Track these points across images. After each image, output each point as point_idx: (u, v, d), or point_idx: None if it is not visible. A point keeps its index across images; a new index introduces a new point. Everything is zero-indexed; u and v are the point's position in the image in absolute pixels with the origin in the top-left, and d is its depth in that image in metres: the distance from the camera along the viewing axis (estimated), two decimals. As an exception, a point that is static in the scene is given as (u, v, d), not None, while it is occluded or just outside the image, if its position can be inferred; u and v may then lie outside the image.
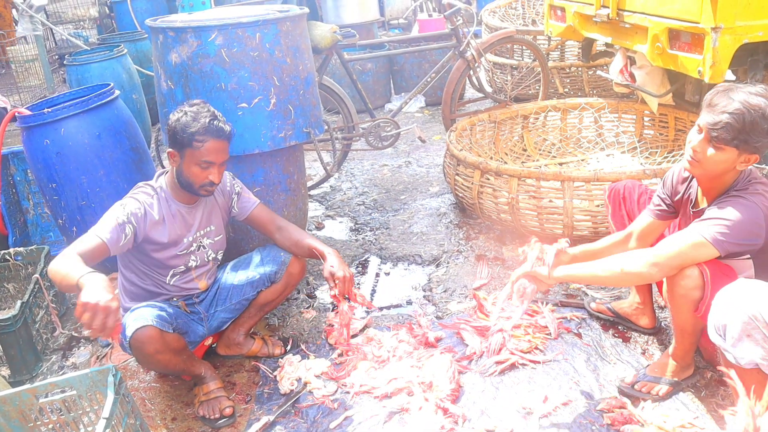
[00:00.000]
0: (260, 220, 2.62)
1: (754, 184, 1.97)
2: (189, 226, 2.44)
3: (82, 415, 1.95)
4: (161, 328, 2.19)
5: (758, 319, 1.71)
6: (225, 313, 2.62)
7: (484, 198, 3.38)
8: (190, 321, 2.51)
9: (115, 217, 2.22)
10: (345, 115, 4.25)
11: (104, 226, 2.19)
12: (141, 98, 5.25)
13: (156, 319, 2.19)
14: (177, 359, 2.28)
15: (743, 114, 1.83)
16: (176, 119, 2.28)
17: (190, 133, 2.25)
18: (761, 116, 1.83)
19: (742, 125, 1.84)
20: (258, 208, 2.61)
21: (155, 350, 2.18)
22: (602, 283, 2.36)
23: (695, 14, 2.91)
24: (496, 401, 2.29)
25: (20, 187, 3.63)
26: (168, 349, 2.22)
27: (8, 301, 3.21)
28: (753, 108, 1.83)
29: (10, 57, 7.79)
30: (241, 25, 2.70)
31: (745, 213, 1.89)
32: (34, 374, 2.72)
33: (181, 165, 2.32)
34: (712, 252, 1.91)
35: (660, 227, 2.30)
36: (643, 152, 4.06)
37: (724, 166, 1.94)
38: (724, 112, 1.85)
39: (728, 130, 1.85)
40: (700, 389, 2.24)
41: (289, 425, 2.29)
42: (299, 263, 2.64)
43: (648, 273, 2.01)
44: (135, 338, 2.16)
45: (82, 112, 3.10)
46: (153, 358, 2.20)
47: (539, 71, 4.98)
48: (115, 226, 2.20)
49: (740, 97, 1.86)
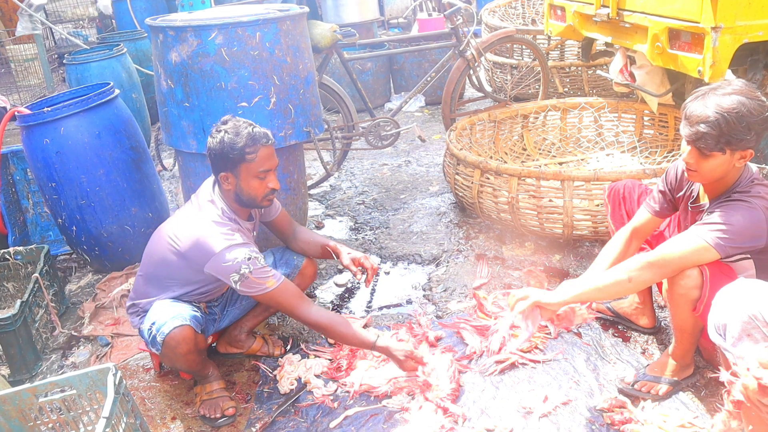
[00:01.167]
0: (281, 225, 2.62)
1: (756, 186, 1.97)
2: (252, 240, 2.43)
3: (81, 414, 1.94)
4: (196, 328, 2.21)
5: (758, 318, 1.71)
6: (234, 314, 2.63)
7: (484, 197, 3.38)
8: (207, 322, 2.52)
9: (260, 266, 2.21)
10: (345, 115, 4.25)
11: (269, 273, 2.23)
12: (141, 97, 5.25)
13: (192, 320, 2.21)
14: (199, 359, 2.30)
15: (718, 120, 1.85)
16: (219, 141, 2.21)
17: (240, 149, 2.19)
18: (737, 117, 1.84)
19: (720, 131, 1.85)
20: (281, 214, 2.62)
21: (188, 350, 2.19)
22: (611, 297, 2.30)
23: (695, 14, 2.91)
24: (496, 400, 2.29)
25: (20, 187, 3.63)
26: (197, 350, 2.24)
27: (8, 301, 3.21)
28: (727, 111, 1.84)
29: (10, 56, 7.79)
30: (241, 24, 2.70)
31: (748, 216, 1.90)
32: (33, 373, 2.72)
33: (239, 183, 2.26)
34: (714, 255, 1.92)
35: (658, 223, 2.30)
36: (643, 152, 4.06)
37: (722, 169, 1.95)
38: (700, 122, 1.88)
39: (709, 138, 1.87)
40: (699, 389, 2.24)
41: (289, 424, 2.29)
42: (312, 266, 2.66)
43: (654, 278, 2.03)
44: (171, 336, 2.16)
45: (82, 111, 3.10)
46: (183, 358, 2.21)
47: (539, 71, 4.98)
48: (265, 266, 2.23)
49: (713, 102, 1.87)
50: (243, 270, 2.16)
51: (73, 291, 3.38)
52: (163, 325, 2.18)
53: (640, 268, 1.99)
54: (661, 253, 1.99)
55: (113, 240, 3.26)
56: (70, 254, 3.65)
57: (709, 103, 1.88)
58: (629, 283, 2.01)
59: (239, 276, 2.17)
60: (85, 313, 3.08)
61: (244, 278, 2.17)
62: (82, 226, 3.23)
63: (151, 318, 2.26)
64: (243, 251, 2.18)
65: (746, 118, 1.84)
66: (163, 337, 2.17)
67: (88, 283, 3.44)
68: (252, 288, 2.19)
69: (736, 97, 1.86)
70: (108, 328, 2.96)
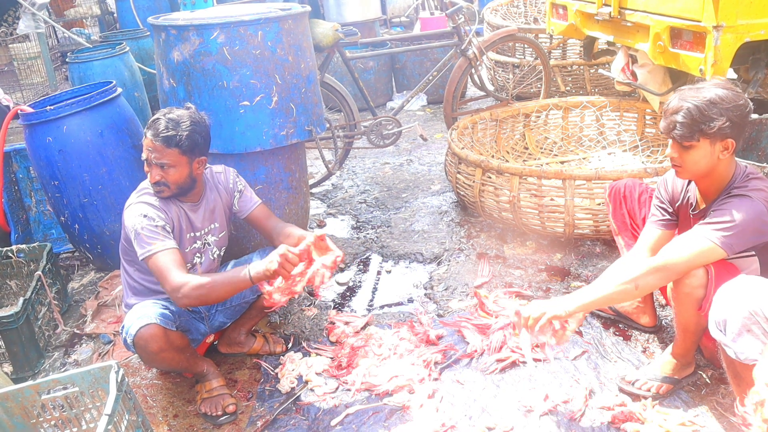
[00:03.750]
0: (259, 220, 2.59)
1: (752, 180, 1.98)
2: (193, 223, 2.45)
3: (84, 411, 1.95)
4: (165, 326, 2.20)
5: (758, 314, 1.72)
6: (225, 314, 2.62)
7: (486, 196, 3.38)
8: (192, 319, 2.52)
9: (153, 226, 2.24)
10: (347, 113, 4.26)
11: (158, 237, 2.23)
12: (143, 96, 5.25)
13: (160, 317, 2.20)
14: (180, 357, 2.29)
15: (690, 109, 1.91)
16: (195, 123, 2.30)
17: None
18: (708, 103, 1.90)
19: (692, 118, 1.91)
20: (258, 209, 2.60)
21: (159, 348, 2.19)
22: (618, 302, 2.30)
23: (697, 13, 2.91)
24: (496, 399, 2.29)
25: (22, 185, 3.64)
26: (171, 347, 2.23)
27: (10, 298, 3.22)
28: (698, 99, 1.92)
29: (13, 54, 7.80)
30: (243, 23, 2.70)
31: (750, 210, 1.90)
32: (36, 371, 2.73)
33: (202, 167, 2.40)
34: (721, 254, 1.92)
35: (670, 236, 2.25)
36: (645, 151, 4.06)
37: (706, 161, 1.97)
38: (674, 113, 1.95)
39: (683, 127, 1.93)
40: (700, 387, 2.25)
41: (291, 422, 2.30)
42: None
43: (661, 283, 2.04)
44: (139, 336, 2.17)
45: (85, 109, 3.11)
46: (157, 356, 2.21)
47: (541, 69, 4.98)
48: (162, 231, 2.25)
49: (687, 95, 1.94)
50: (137, 226, 2.24)
51: (75, 289, 3.39)
52: (130, 327, 2.21)
53: (646, 274, 1.99)
54: (668, 257, 1.98)
55: (115, 238, 3.25)
56: (72, 252, 3.66)
57: (683, 96, 1.95)
58: (636, 290, 2.01)
59: (134, 233, 2.24)
60: (88, 311, 3.09)
61: (137, 235, 2.23)
62: (85, 224, 3.24)
63: (123, 323, 2.30)
64: (142, 207, 2.29)
65: (718, 104, 1.89)
66: (131, 338, 2.20)
67: (90, 281, 3.45)
68: (142, 247, 2.22)
69: (712, 88, 1.93)
70: (110, 326, 2.97)
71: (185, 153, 2.28)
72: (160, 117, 2.29)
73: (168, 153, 2.26)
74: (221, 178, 2.56)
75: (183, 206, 2.42)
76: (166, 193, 2.33)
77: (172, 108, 2.35)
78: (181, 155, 2.28)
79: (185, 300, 2.15)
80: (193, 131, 2.28)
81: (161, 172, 2.29)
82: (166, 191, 2.33)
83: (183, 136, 2.25)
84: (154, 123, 2.28)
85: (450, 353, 2.55)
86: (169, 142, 2.25)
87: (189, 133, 2.27)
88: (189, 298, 2.14)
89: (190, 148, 2.28)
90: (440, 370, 2.46)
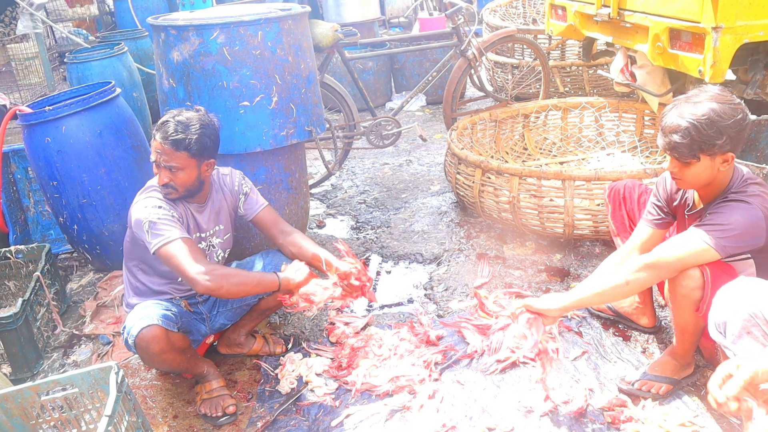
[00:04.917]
0: (265, 222, 2.59)
1: (750, 185, 1.98)
2: (199, 225, 2.45)
3: (83, 412, 1.95)
4: (167, 327, 2.20)
5: (758, 316, 1.72)
6: (226, 316, 2.62)
7: (485, 197, 3.38)
8: (193, 320, 2.51)
9: (169, 216, 2.26)
10: (346, 114, 4.26)
11: (174, 226, 2.24)
12: (142, 96, 5.25)
13: (161, 319, 2.20)
14: (181, 358, 2.29)
15: (689, 128, 1.88)
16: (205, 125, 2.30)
17: None
18: (707, 123, 1.87)
19: (691, 139, 1.89)
20: (264, 211, 2.59)
21: (161, 350, 2.19)
22: (609, 300, 2.31)
23: (696, 14, 2.91)
24: (497, 399, 2.29)
25: (21, 185, 3.63)
26: (173, 349, 2.23)
27: (9, 299, 3.21)
28: (698, 119, 1.88)
29: (10, 55, 7.79)
30: (243, 23, 2.70)
31: (746, 215, 1.91)
32: (35, 372, 2.72)
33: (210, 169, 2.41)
34: (714, 255, 1.93)
35: (661, 236, 2.29)
36: (644, 151, 4.06)
37: (707, 174, 1.97)
38: (672, 132, 1.92)
39: (683, 147, 1.91)
40: (700, 388, 2.25)
41: (291, 423, 2.29)
42: None
43: (652, 280, 2.04)
44: (140, 337, 2.17)
45: (83, 110, 3.10)
46: (158, 358, 2.21)
47: (540, 70, 4.98)
48: (177, 221, 2.27)
49: (686, 111, 1.91)
50: (151, 216, 2.24)
51: (74, 290, 3.39)
52: (132, 328, 2.20)
53: (638, 270, 2.00)
54: (660, 255, 1.99)
55: (114, 239, 3.26)
56: (71, 253, 3.66)
57: (681, 112, 1.92)
58: (627, 286, 2.01)
59: (148, 223, 2.23)
60: (87, 311, 3.08)
61: (152, 225, 2.23)
62: (84, 225, 3.23)
63: (125, 324, 2.29)
64: (155, 200, 2.29)
65: (717, 123, 1.87)
66: (133, 339, 2.19)
67: (89, 282, 3.44)
68: (157, 236, 2.22)
69: (708, 103, 1.89)
70: (109, 327, 2.97)
71: (194, 156, 2.27)
72: (169, 119, 2.26)
73: (177, 156, 2.25)
74: (227, 180, 2.55)
75: (189, 207, 2.42)
76: (174, 195, 2.33)
77: (181, 110, 2.33)
78: (190, 158, 2.27)
79: (211, 284, 2.17)
80: (203, 134, 2.27)
81: (170, 175, 2.28)
82: (174, 194, 2.33)
83: (192, 140, 2.24)
84: (163, 125, 2.26)
85: (450, 354, 2.55)
86: (178, 145, 2.24)
87: (198, 136, 2.25)
88: (215, 284, 2.17)
89: (199, 151, 2.27)
90: (440, 370, 2.47)
